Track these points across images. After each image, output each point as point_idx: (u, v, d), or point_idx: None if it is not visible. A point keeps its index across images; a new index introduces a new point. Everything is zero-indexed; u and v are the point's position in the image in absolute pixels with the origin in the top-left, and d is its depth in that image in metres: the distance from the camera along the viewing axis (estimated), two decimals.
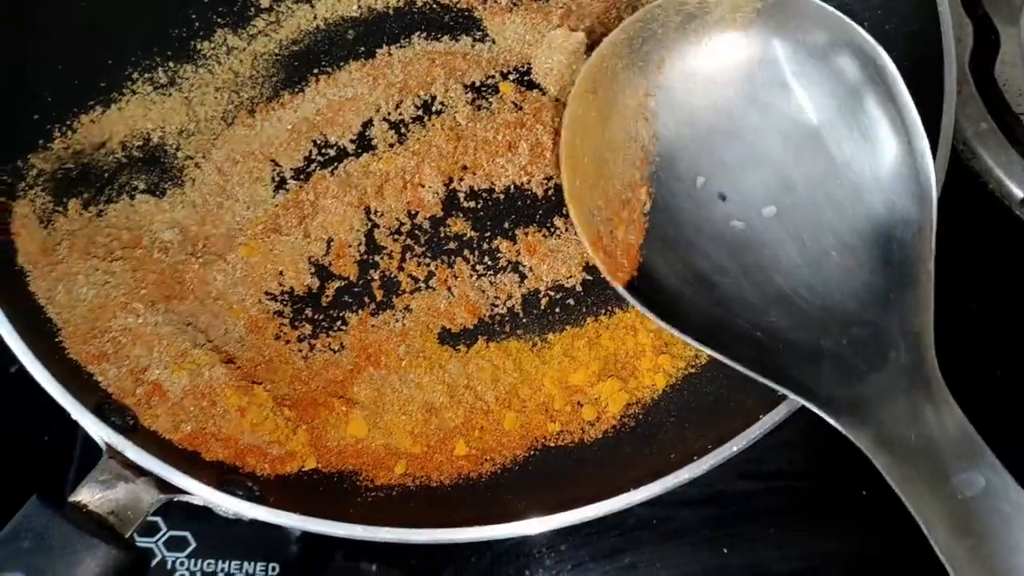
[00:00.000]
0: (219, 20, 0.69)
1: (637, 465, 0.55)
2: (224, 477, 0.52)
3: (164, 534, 0.66)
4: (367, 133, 0.66)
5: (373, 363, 0.60)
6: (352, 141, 0.66)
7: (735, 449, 0.50)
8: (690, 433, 0.56)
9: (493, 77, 0.67)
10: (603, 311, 0.63)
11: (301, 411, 0.58)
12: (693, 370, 0.60)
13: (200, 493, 0.49)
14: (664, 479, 0.49)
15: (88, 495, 0.48)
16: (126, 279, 0.59)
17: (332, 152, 0.65)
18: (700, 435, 0.54)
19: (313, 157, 0.65)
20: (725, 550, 0.66)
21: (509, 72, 0.67)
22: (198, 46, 0.68)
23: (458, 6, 0.69)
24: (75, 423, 0.51)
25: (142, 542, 0.65)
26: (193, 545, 0.66)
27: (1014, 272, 0.73)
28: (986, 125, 0.74)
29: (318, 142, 0.66)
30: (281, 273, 0.62)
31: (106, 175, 0.64)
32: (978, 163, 0.74)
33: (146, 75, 0.67)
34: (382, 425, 0.58)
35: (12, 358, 0.52)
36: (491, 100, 0.66)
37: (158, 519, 0.66)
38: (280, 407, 0.57)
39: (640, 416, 0.59)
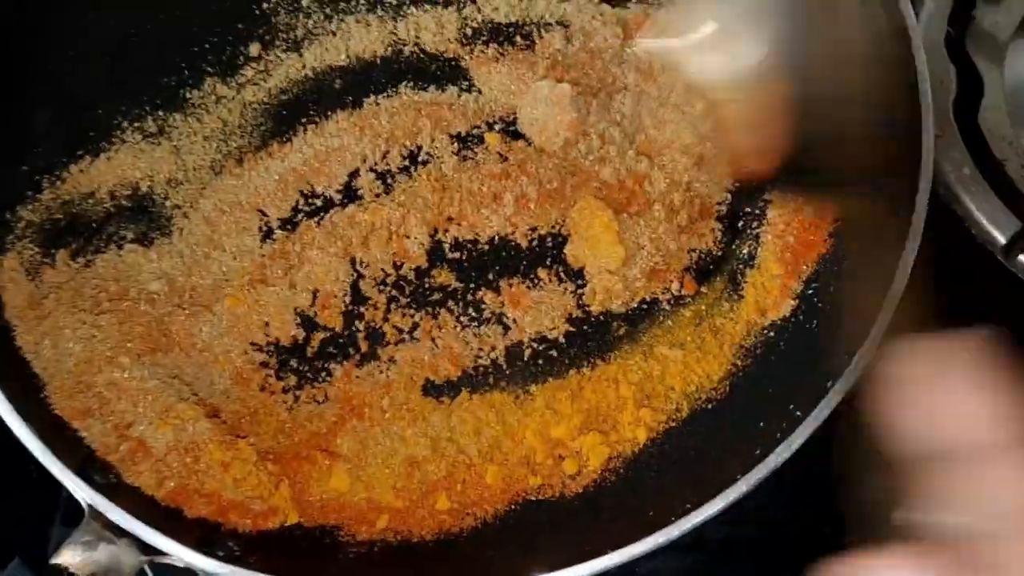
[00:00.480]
0: (208, 69, 0.69)
1: (617, 521, 0.55)
2: (205, 538, 0.52)
3: None
4: (353, 183, 0.66)
5: (357, 415, 0.61)
6: (338, 191, 0.66)
7: (713, 511, 0.51)
8: (670, 489, 0.56)
9: (479, 127, 0.68)
10: (586, 363, 0.63)
11: (284, 465, 0.58)
12: (674, 424, 0.61)
13: (181, 555, 0.49)
14: (641, 542, 0.50)
15: (70, 557, 0.48)
16: (112, 332, 0.59)
17: (319, 202, 0.66)
18: (680, 492, 0.54)
19: (300, 207, 0.66)
20: None
21: (495, 122, 0.68)
22: (187, 95, 0.68)
23: (444, 55, 0.70)
24: (58, 481, 0.52)
25: None
26: None
27: (998, 318, 0.73)
28: (969, 171, 0.75)
29: (305, 192, 0.66)
30: (267, 324, 0.63)
31: (94, 225, 0.65)
32: (961, 208, 0.74)
33: (135, 124, 0.67)
34: (365, 478, 0.59)
35: None
36: (476, 151, 0.67)
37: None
38: (263, 461, 0.57)
39: (621, 470, 0.60)
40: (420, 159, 0.67)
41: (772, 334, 0.62)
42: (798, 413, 0.54)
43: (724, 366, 0.62)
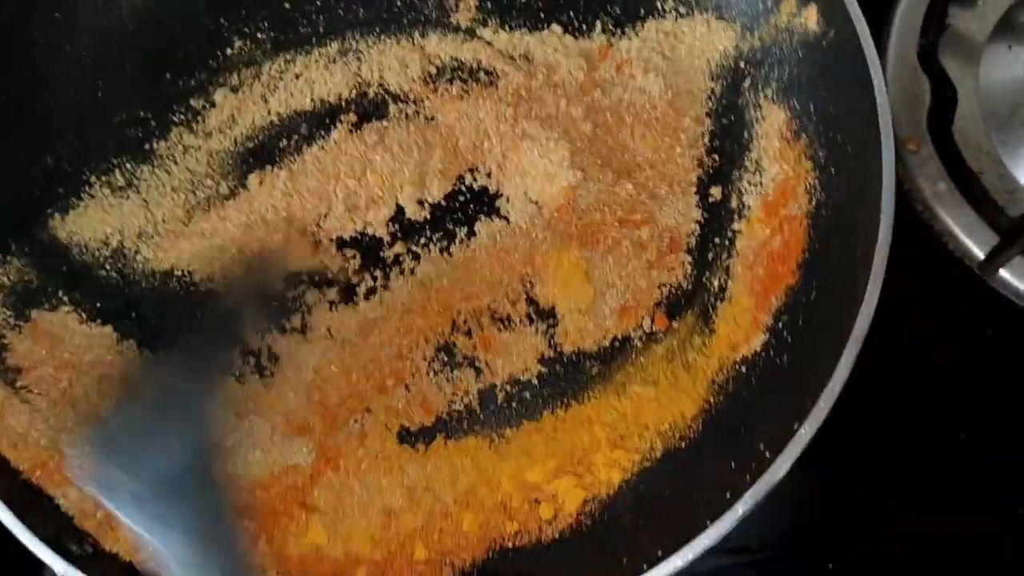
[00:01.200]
0: (175, 119, 0.70)
1: (593, 567, 0.55)
2: None
3: None
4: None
5: (332, 467, 0.61)
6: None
7: (683, 561, 0.51)
8: (644, 534, 0.56)
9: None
10: (559, 404, 0.63)
11: (261, 521, 0.59)
12: (648, 464, 0.61)
13: None
14: None
15: None
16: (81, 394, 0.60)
17: None
18: (653, 537, 0.54)
19: None
20: None
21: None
22: (154, 146, 0.69)
23: (409, 95, 0.70)
24: None
25: None
26: None
27: (976, 332, 0.73)
28: (944, 185, 0.74)
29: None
30: None
31: (69, 282, 0.65)
32: (938, 224, 0.74)
33: (103, 178, 0.68)
34: (342, 531, 0.59)
35: None
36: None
37: None
38: (240, 519, 0.58)
39: (596, 514, 0.60)
40: None
41: (744, 369, 0.62)
42: (767, 454, 0.54)
43: (697, 403, 0.61)
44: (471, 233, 0.67)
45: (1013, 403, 0.71)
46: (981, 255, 0.73)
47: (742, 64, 0.68)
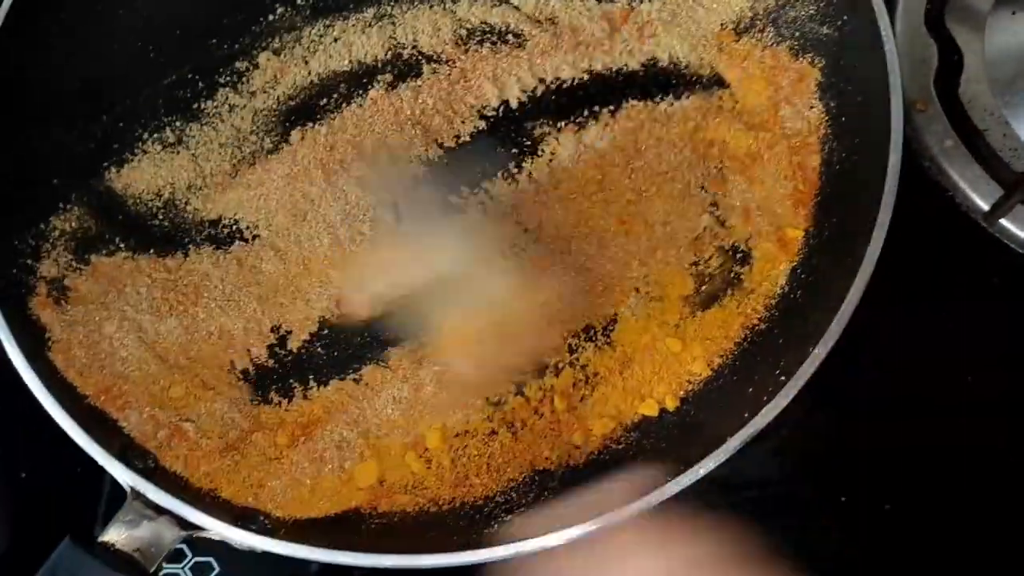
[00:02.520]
0: (221, 80, 0.74)
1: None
2: (240, 513, 0.56)
3: (190, 560, 0.70)
4: None
5: None
6: None
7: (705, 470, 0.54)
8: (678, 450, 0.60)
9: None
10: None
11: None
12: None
13: (218, 530, 0.53)
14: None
15: (115, 535, 0.53)
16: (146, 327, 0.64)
17: None
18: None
19: None
20: None
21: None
22: (202, 106, 0.73)
23: (441, 55, 0.74)
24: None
25: (169, 569, 0.70)
26: (217, 570, 0.70)
27: (981, 286, 0.76)
28: (951, 142, 0.77)
29: None
30: None
31: (125, 230, 0.69)
32: (945, 179, 0.77)
33: (155, 135, 0.72)
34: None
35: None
36: None
37: (183, 547, 0.71)
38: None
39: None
40: None
41: (764, 306, 0.66)
42: (783, 378, 0.57)
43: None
44: None
45: (1016, 349, 0.74)
46: (986, 207, 0.76)
47: (758, 22, 0.72)
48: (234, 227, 0.70)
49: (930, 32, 0.80)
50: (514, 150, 0.71)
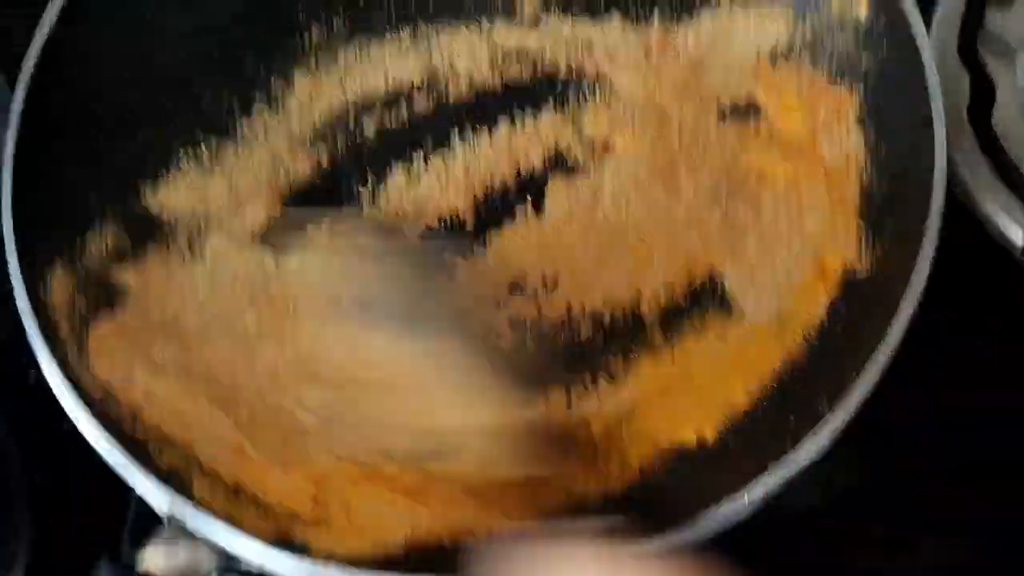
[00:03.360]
0: (256, 100, 0.74)
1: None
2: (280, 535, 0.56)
3: None
4: None
5: None
6: None
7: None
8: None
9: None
10: None
11: None
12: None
13: (254, 557, 0.53)
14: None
15: (151, 561, 0.52)
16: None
17: None
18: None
19: None
20: None
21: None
22: (237, 125, 0.73)
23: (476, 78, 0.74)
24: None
25: None
26: None
27: (1017, 318, 0.76)
28: (985, 174, 0.77)
29: None
30: None
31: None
32: (979, 211, 0.77)
33: (190, 154, 0.72)
34: None
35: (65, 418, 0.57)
36: None
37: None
38: None
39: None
40: None
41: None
42: (824, 412, 0.57)
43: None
44: None
45: None
46: (1021, 241, 0.75)
47: (795, 49, 0.72)
48: None
49: (963, 62, 0.80)
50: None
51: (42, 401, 0.60)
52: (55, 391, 0.57)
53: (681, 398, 0.64)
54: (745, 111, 0.72)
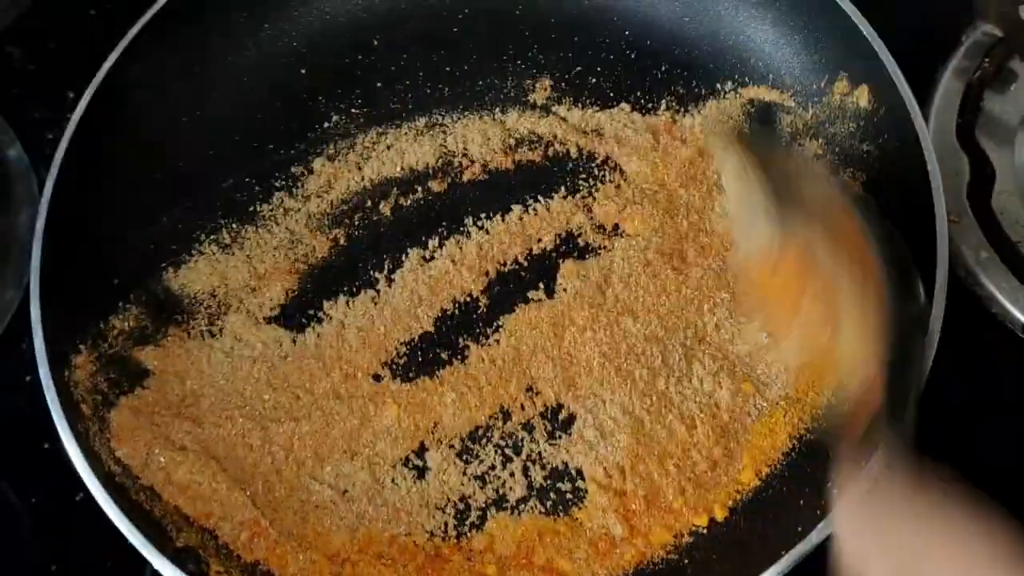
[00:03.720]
0: (277, 184, 0.76)
1: None
2: None
3: None
4: None
5: None
6: None
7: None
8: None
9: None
10: None
11: None
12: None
13: None
14: None
15: None
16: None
17: None
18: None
19: None
20: None
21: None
22: (258, 209, 0.75)
23: (489, 164, 0.76)
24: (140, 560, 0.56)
25: None
26: None
27: (1020, 393, 0.76)
28: (987, 254, 0.78)
29: None
30: None
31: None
32: (982, 290, 0.78)
33: (211, 237, 0.74)
34: None
35: (78, 487, 0.58)
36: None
37: None
38: None
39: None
40: None
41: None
42: (835, 491, 0.57)
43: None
44: None
45: None
46: (1022, 318, 0.77)
47: (798, 138, 0.74)
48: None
49: (961, 145, 0.82)
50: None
51: (56, 474, 0.62)
52: (78, 470, 0.58)
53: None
54: None
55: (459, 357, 0.70)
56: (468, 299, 0.72)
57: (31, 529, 0.71)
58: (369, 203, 0.76)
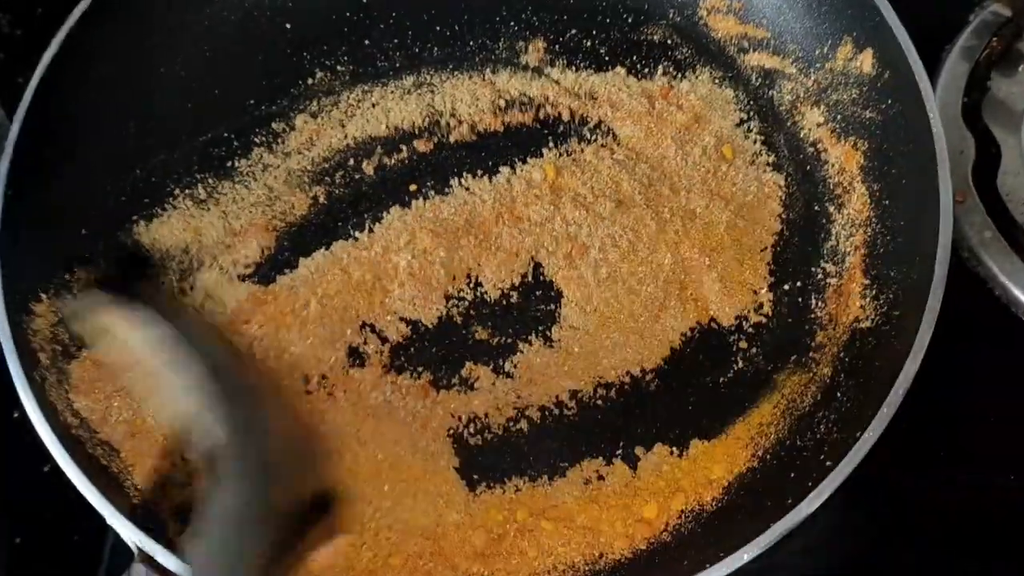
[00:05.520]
0: (256, 140, 0.73)
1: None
2: None
3: None
4: None
5: None
6: None
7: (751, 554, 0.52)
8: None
9: None
10: None
11: None
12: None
13: None
14: None
15: None
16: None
17: None
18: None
19: None
20: None
21: None
22: (236, 164, 0.72)
23: (478, 125, 0.74)
24: (104, 525, 0.54)
25: None
26: None
27: (1020, 377, 0.74)
28: (990, 234, 0.76)
29: None
30: None
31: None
32: (984, 270, 0.76)
33: (186, 191, 0.71)
34: None
35: (45, 459, 0.55)
36: None
37: None
38: None
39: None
40: None
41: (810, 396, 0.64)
42: (828, 463, 0.55)
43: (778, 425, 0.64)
44: None
45: None
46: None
47: (798, 106, 0.72)
48: None
49: (967, 125, 0.80)
50: None
51: (23, 445, 0.59)
52: (32, 420, 0.55)
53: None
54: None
55: None
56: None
57: None
58: (352, 161, 0.73)
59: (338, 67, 0.76)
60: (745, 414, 0.64)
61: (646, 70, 0.75)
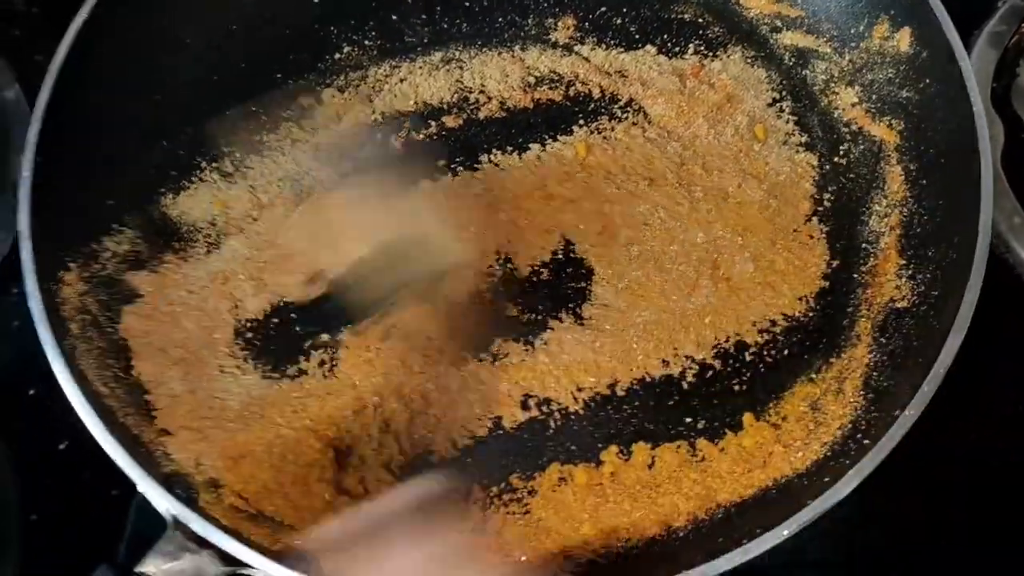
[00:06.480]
0: (284, 115, 0.72)
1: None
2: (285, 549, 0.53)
3: None
4: None
5: None
6: None
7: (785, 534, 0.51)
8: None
9: None
10: None
11: None
12: None
13: (260, 566, 0.50)
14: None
15: (154, 566, 0.49)
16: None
17: None
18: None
19: None
20: None
21: None
22: (264, 138, 0.72)
23: (508, 101, 0.73)
24: (127, 495, 0.53)
25: None
26: None
27: None
28: (1019, 219, 0.75)
29: None
30: None
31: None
32: (1012, 256, 0.75)
33: (214, 164, 0.70)
34: None
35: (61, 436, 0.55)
36: None
37: None
38: None
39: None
40: None
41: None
42: (866, 441, 0.55)
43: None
44: None
45: None
46: None
47: (832, 86, 0.71)
48: None
49: (996, 111, 0.79)
50: None
51: (40, 422, 0.61)
52: (64, 388, 0.55)
53: None
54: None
55: None
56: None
57: (11, 477, 0.67)
58: (380, 136, 0.72)
59: (365, 41, 0.75)
60: (785, 392, 0.64)
61: (677, 49, 0.75)
